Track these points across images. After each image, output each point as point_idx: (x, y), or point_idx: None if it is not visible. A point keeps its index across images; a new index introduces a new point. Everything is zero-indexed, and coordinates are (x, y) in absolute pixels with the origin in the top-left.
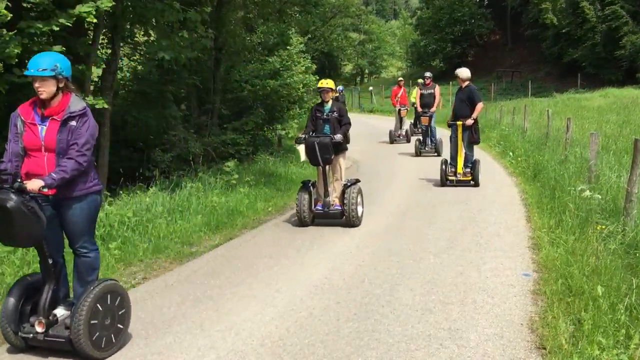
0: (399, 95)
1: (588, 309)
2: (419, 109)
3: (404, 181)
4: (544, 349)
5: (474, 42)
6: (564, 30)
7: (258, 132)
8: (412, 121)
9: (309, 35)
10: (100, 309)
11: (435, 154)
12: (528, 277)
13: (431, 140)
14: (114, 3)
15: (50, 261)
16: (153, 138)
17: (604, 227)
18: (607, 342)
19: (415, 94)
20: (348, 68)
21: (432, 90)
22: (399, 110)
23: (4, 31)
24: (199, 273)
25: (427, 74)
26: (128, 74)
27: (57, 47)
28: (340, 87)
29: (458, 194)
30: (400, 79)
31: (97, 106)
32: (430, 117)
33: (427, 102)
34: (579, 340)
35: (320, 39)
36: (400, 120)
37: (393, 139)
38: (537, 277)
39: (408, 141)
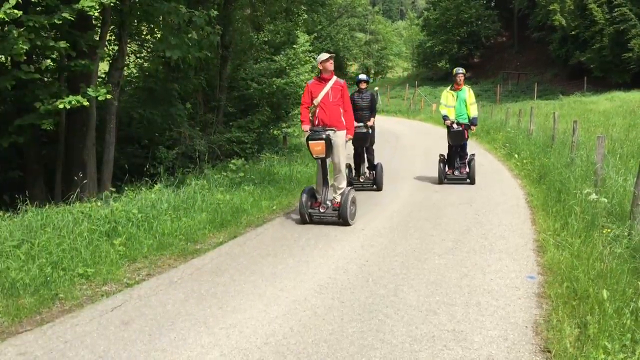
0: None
1: (593, 312)
2: (448, 122)
3: (409, 182)
4: (549, 352)
5: (480, 43)
6: (571, 33)
7: (263, 131)
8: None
9: (315, 35)
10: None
11: (468, 181)
12: (533, 279)
13: (461, 160)
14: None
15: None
16: (159, 135)
17: (610, 230)
18: (613, 346)
19: (445, 99)
20: (354, 68)
21: (465, 93)
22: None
23: (13, 27)
24: (203, 270)
25: (461, 69)
26: (135, 71)
27: (62, 43)
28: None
29: (463, 196)
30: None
31: (99, 97)
32: (466, 130)
33: (460, 109)
34: (584, 344)
35: (326, 38)
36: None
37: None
38: (542, 280)
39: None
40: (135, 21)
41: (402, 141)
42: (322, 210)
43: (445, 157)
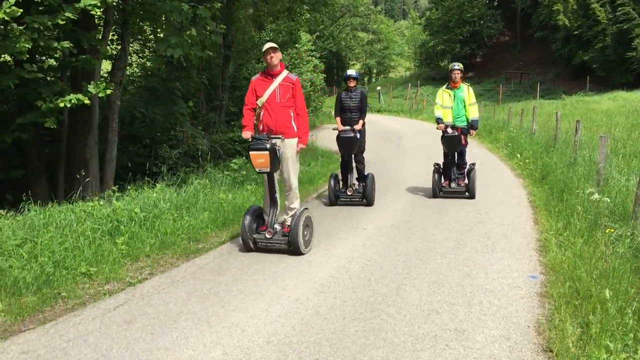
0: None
1: (596, 312)
2: (442, 126)
3: (412, 180)
4: (551, 351)
5: (482, 43)
6: (574, 32)
7: None
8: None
9: (318, 34)
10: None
11: (467, 195)
12: (535, 279)
13: (459, 170)
14: None
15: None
16: (161, 134)
17: (612, 230)
18: (615, 346)
19: (441, 99)
20: (356, 67)
21: (463, 93)
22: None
23: (15, 25)
24: (206, 269)
25: (457, 65)
26: (137, 70)
27: (65, 43)
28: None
29: (464, 195)
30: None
31: (100, 93)
32: (465, 134)
33: (458, 110)
34: (586, 344)
35: (328, 38)
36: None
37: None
38: (544, 279)
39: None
40: (138, 20)
41: (404, 141)
42: (268, 236)
43: (441, 166)
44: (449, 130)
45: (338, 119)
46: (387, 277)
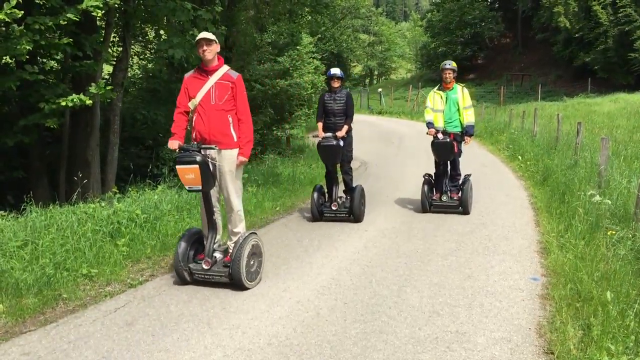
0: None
1: (597, 314)
2: (432, 131)
3: (413, 182)
4: (552, 353)
5: (484, 44)
6: (575, 34)
7: (267, 132)
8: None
9: (319, 36)
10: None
11: (460, 210)
12: (536, 281)
13: (452, 182)
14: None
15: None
16: (162, 136)
17: (613, 232)
18: (617, 348)
19: (432, 101)
20: (357, 69)
21: (456, 95)
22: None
23: (15, 26)
24: None
25: (449, 63)
26: (139, 72)
27: (65, 39)
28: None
29: None
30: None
31: (101, 93)
32: (458, 142)
33: (450, 114)
34: (587, 346)
35: (330, 39)
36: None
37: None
38: (545, 281)
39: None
40: (139, 22)
41: (405, 142)
42: (205, 267)
43: (432, 176)
44: (440, 135)
45: (320, 124)
46: (388, 279)
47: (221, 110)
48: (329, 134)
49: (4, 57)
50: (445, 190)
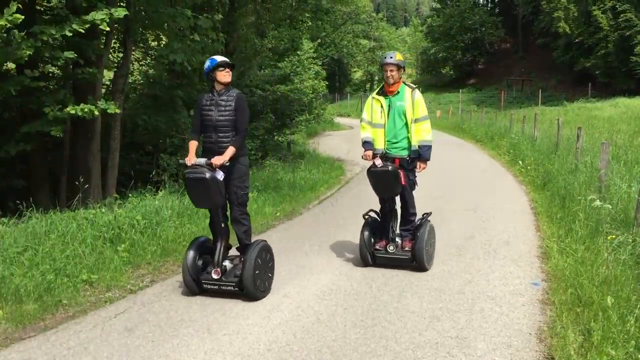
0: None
1: (597, 319)
2: (367, 153)
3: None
4: (553, 359)
5: (484, 49)
6: (576, 40)
7: (268, 137)
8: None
9: (320, 41)
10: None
11: (415, 264)
12: (537, 286)
13: (403, 225)
14: (127, 12)
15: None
16: (163, 142)
17: (614, 237)
18: (617, 354)
19: (369, 112)
20: (358, 74)
21: (403, 102)
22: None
23: (16, 32)
24: None
25: (390, 55)
26: (140, 78)
27: (69, 53)
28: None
29: (466, 202)
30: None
31: (108, 110)
32: (407, 170)
33: (395, 130)
34: (587, 351)
35: (330, 45)
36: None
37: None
38: (546, 286)
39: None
40: (140, 28)
41: None
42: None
43: (376, 217)
44: (378, 162)
45: (192, 143)
46: (389, 284)
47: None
48: (201, 161)
49: (5, 64)
50: (392, 238)
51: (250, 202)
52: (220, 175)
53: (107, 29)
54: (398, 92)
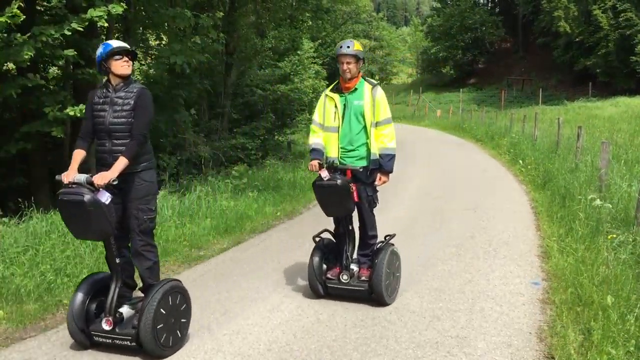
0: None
1: (597, 318)
2: (314, 163)
3: (413, 188)
4: (553, 358)
5: (484, 49)
6: (576, 39)
7: (268, 137)
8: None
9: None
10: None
11: (372, 296)
12: (537, 285)
13: (361, 250)
14: (125, 7)
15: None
16: (162, 141)
17: (614, 236)
18: (617, 353)
19: (320, 113)
20: None
21: (361, 101)
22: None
23: (18, 34)
24: (207, 276)
25: (347, 45)
26: (140, 78)
27: (69, 52)
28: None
29: (466, 202)
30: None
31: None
32: (364, 184)
33: (351, 136)
34: (588, 350)
35: (331, 44)
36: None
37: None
38: (546, 285)
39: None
40: (140, 28)
41: (407, 147)
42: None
43: (329, 240)
44: (324, 174)
45: (78, 153)
46: None
47: None
48: (80, 178)
49: (5, 64)
50: (346, 265)
51: (250, 201)
52: (105, 198)
53: (106, 24)
54: (356, 88)
